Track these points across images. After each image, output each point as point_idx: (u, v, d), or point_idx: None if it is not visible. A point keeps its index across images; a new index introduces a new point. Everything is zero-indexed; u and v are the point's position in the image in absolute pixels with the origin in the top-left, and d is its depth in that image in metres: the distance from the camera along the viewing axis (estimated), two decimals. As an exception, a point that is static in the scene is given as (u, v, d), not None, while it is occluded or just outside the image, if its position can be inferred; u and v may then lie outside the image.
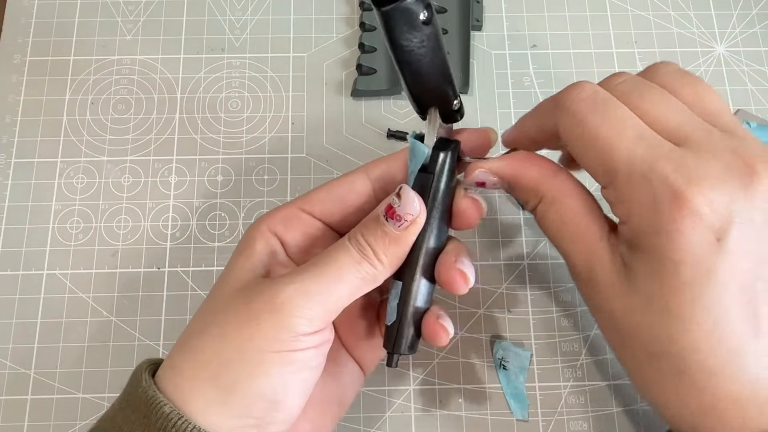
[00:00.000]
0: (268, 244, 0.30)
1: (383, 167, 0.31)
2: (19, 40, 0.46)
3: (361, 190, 0.31)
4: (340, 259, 0.28)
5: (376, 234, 0.28)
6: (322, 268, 0.27)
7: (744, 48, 0.47)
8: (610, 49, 0.47)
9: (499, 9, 0.48)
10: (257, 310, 0.26)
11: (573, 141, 0.28)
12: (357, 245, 0.28)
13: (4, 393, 0.38)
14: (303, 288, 0.27)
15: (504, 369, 0.38)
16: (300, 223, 0.30)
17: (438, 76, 0.28)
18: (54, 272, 0.41)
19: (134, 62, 0.46)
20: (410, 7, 0.25)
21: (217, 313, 0.28)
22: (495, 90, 0.46)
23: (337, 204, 0.31)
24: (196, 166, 0.43)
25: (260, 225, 0.30)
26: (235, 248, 0.31)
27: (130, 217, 0.42)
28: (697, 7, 0.48)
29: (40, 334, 0.39)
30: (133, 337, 0.39)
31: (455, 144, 0.31)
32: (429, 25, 0.26)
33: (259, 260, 0.29)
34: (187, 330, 0.29)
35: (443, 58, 0.28)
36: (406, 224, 0.28)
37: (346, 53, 0.46)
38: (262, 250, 0.30)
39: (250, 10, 0.47)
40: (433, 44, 0.27)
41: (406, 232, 0.28)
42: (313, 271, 0.27)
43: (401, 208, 0.28)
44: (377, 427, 0.38)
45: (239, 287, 0.28)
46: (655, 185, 0.25)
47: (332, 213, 0.31)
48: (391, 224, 0.28)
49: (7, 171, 0.43)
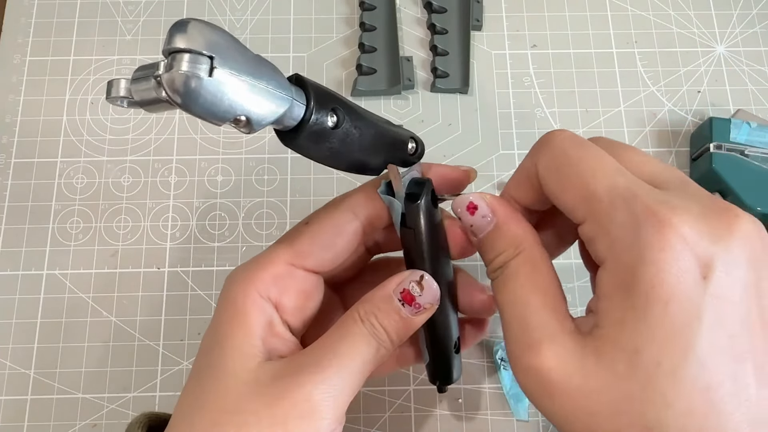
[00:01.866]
0: (264, 314, 0.27)
1: (370, 206, 0.28)
2: (19, 40, 0.46)
3: (350, 233, 0.28)
4: (361, 350, 0.26)
5: (391, 318, 0.26)
6: (343, 361, 0.26)
7: (744, 48, 0.47)
8: (610, 49, 0.47)
9: (499, 9, 0.48)
10: (284, 415, 0.24)
11: (554, 173, 0.26)
12: (372, 329, 0.26)
13: (4, 393, 0.38)
14: (332, 390, 0.25)
15: (504, 369, 0.38)
16: (294, 282, 0.28)
17: (375, 149, 0.26)
18: (54, 272, 0.41)
19: (134, 62, 0.46)
20: (316, 125, 0.23)
21: (231, 412, 0.25)
22: (495, 90, 0.45)
23: (328, 252, 0.28)
24: (196, 166, 0.43)
25: (249, 290, 0.27)
26: (220, 313, 0.27)
27: (130, 217, 0.42)
28: (697, 7, 0.48)
29: (40, 334, 0.39)
30: (133, 337, 0.39)
31: (427, 183, 0.28)
32: (339, 128, 0.24)
33: (258, 337, 0.26)
34: (191, 425, 0.25)
35: (370, 132, 0.26)
36: (424, 311, 0.27)
37: (346, 53, 0.46)
38: (258, 324, 0.26)
39: (250, 10, 0.47)
40: (352, 136, 0.25)
41: (423, 316, 0.27)
42: (337, 366, 0.25)
43: (423, 298, 0.27)
44: (377, 427, 0.38)
45: (249, 381, 0.25)
46: (638, 212, 0.23)
47: (324, 263, 0.28)
48: (408, 309, 0.27)
49: (7, 171, 0.43)
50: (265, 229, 0.42)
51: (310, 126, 0.23)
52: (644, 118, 0.45)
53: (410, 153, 0.28)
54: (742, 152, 0.41)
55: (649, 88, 0.46)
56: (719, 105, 0.45)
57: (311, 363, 0.26)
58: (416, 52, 0.47)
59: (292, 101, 0.22)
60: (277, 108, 0.21)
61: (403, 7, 0.48)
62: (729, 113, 0.44)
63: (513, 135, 0.44)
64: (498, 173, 0.43)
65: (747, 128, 0.41)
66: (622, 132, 0.45)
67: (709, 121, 0.42)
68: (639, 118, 0.45)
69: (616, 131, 0.45)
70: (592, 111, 0.45)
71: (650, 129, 0.45)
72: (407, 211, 0.27)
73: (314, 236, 0.28)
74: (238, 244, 0.41)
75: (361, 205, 0.28)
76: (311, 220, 0.29)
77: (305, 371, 0.25)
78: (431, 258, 0.28)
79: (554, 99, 0.45)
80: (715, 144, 0.41)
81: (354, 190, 0.29)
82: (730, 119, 0.42)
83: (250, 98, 0.20)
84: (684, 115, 0.45)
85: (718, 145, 0.41)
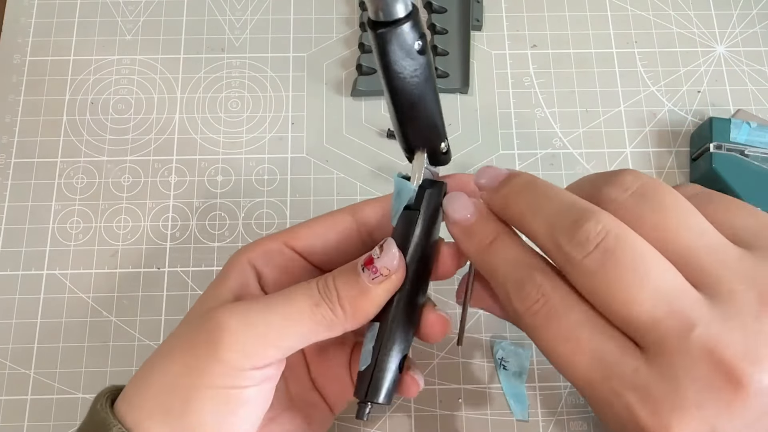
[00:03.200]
0: (243, 274, 0.29)
1: (370, 209, 0.30)
2: (19, 40, 0.46)
3: (344, 230, 0.30)
4: (297, 298, 0.26)
5: (348, 280, 0.26)
6: (274, 303, 0.26)
7: (744, 48, 0.47)
8: (610, 49, 0.47)
9: (499, 9, 0.48)
10: (197, 340, 0.25)
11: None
12: (323, 287, 0.26)
13: (4, 393, 0.38)
14: (246, 320, 0.25)
15: (504, 369, 0.38)
16: (281, 258, 0.29)
17: (428, 112, 0.28)
18: (54, 272, 0.41)
19: (134, 62, 0.46)
20: (406, 32, 0.25)
21: (169, 339, 0.27)
22: (495, 90, 0.46)
23: (319, 240, 0.30)
24: (196, 166, 0.43)
25: (240, 256, 0.29)
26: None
27: (130, 217, 0.42)
28: (697, 7, 0.48)
29: (40, 334, 0.39)
30: (133, 337, 0.39)
31: (441, 184, 0.29)
32: (423, 56, 0.26)
33: (229, 290, 0.28)
34: (148, 358, 0.28)
35: (435, 95, 0.27)
36: (381, 278, 0.26)
37: (346, 53, 0.46)
38: (234, 280, 0.28)
39: (250, 10, 0.47)
40: (426, 76, 0.26)
41: (378, 287, 0.26)
42: (264, 304, 0.26)
43: (380, 260, 0.26)
44: (377, 427, 0.38)
45: (197, 314, 0.27)
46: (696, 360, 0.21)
47: (314, 250, 0.30)
48: (366, 275, 0.26)
49: (7, 171, 0.43)
50: (265, 229, 0.42)
51: (406, 28, 0.25)
52: (644, 118, 0.45)
53: (442, 151, 0.29)
54: (742, 152, 0.41)
55: (649, 88, 0.46)
56: (719, 105, 0.45)
57: (243, 302, 0.27)
58: (416, 52, 0.47)
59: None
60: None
61: (403, 7, 0.48)
62: (729, 113, 0.44)
63: (513, 135, 0.44)
64: (498, 173, 0.43)
65: (747, 128, 0.41)
66: (622, 132, 0.45)
67: (709, 121, 0.42)
68: (639, 118, 0.45)
69: (616, 131, 0.45)
70: (592, 111, 0.45)
71: (650, 129, 0.45)
72: (417, 195, 0.28)
73: (311, 225, 0.30)
74: (238, 244, 0.41)
75: (362, 209, 0.30)
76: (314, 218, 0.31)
77: (234, 305, 0.26)
78: (418, 247, 0.28)
79: (554, 99, 0.45)
80: (715, 144, 0.41)
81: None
82: (730, 119, 0.42)
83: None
84: (684, 115, 0.45)
85: (718, 145, 0.41)
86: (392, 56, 0.25)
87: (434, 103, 0.28)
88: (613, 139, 0.44)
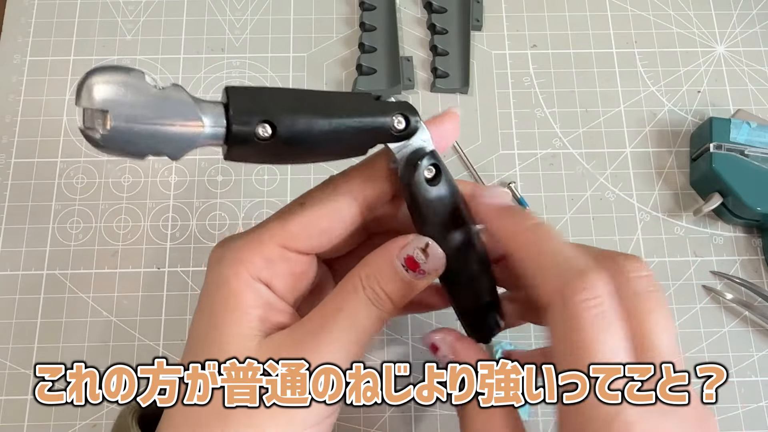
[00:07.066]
0: (259, 295, 0.26)
1: (369, 187, 0.28)
2: (19, 40, 0.46)
3: (349, 219, 0.27)
4: (362, 320, 0.26)
5: (394, 283, 0.26)
6: (342, 334, 0.25)
7: (744, 48, 0.47)
8: (610, 49, 0.47)
9: (499, 9, 0.48)
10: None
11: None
12: (374, 295, 0.26)
13: (4, 393, 0.38)
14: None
15: (504, 369, 0.38)
16: (286, 265, 0.27)
17: (338, 144, 0.26)
18: (54, 272, 0.41)
19: (134, 62, 0.46)
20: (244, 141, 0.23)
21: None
22: (495, 90, 0.45)
23: (323, 236, 0.27)
24: (196, 166, 0.43)
25: (240, 272, 0.26)
26: (212, 295, 0.26)
27: (130, 217, 0.42)
28: (697, 7, 0.48)
29: (40, 334, 0.39)
30: (133, 337, 0.39)
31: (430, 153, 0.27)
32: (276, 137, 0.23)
33: (255, 318, 0.26)
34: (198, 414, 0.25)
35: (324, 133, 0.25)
36: (430, 277, 0.27)
37: (346, 53, 0.46)
38: (254, 305, 0.26)
39: (250, 10, 0.47)
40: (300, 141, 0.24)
41: (426, 281, 0.27)
42: (337, 340, 0.25)
43: (428, 265, 0.26)
44: (377, 427, 0.38)
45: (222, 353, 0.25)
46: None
47: (319, 246, 0.27)
48: (412, 275, 0.26)
49: (7, 171, 0.43)
50: (265, 229, 0.42)
51: (235, 143, 0.23)
52: (644, 118, 0.45)
53: (399, 131, 0.26)
54: (742, 152, 0.41)
55: (649, 88, 0.46)
56: (719, 105, 0.45)
57: (310, 338, 0.25)
58: (416, 52, 0.47)
59: (202, 129, 0.22)
60: (189, 139, 0.22)
61: (403, 7, 0.48)
62: (729, 113, 0.44)
63: (513, 135, 0.44)
64: (498, 173, 0.43)
65: (747, 128, 0.41)
66: (622, 132, 0.45)
67: (709, 121, 0.42)
68: (639, 118, 0.45)
69: (616, 131, 0.45)
70: (592, 111, 0.45)
71: (650, 129, 0.45)
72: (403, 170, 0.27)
73: (310, 220, 0.27)
74: (238, 244, 0.41)
75: (361, 188, 0.27)
76: (307, 201, 0.27)
77: (305, 347, 0.25)
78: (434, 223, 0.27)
79: (554, 99, 0.45)
80: (715, 144, 0.41)
81: (353, 169, 0.28)
82: (730, 119, 0.42)
83: (155, 139, 0.22)
84: (684, 115, 0.45)
85: (718, 145, 0.41)
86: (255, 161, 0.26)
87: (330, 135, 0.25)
88: (613, 139, 0.44)
